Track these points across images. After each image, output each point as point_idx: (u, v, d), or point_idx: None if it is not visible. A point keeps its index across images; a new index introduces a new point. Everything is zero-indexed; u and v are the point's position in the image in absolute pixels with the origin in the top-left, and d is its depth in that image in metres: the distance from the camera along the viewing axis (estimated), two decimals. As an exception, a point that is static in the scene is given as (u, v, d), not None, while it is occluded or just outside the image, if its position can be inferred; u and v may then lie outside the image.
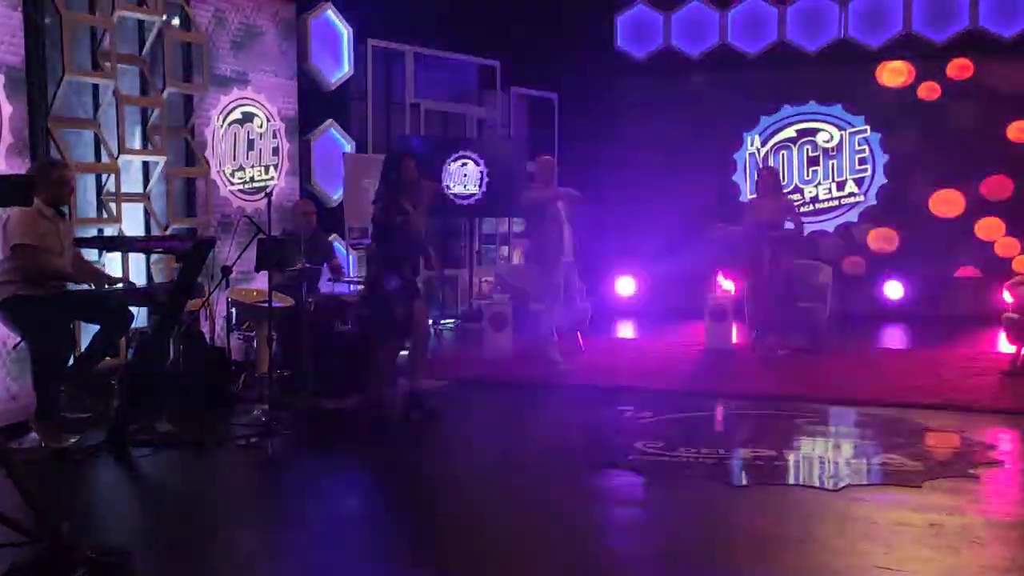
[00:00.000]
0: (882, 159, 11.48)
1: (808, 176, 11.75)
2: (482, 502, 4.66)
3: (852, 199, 11.61)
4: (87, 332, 5.78)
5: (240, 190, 7.97)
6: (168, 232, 7.17)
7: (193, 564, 3.85)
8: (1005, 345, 7.69)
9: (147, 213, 7.09)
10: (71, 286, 5.48)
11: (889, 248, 11.44)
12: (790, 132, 11.84)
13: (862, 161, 11.60)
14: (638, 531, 4.20)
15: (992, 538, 3.94)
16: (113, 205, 6.68)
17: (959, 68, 11.02)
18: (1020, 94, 10.84)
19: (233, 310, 6.79)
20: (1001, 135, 10.90)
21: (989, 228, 11.03)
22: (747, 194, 11.92)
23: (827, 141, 11.69)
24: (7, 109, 5.68)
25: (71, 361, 5.53)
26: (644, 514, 4.51)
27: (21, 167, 5.70)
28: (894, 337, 10.05)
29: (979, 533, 3.98)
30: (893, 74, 11.29)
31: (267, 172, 8.24)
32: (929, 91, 11.14)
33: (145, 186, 7.09)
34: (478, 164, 10.50)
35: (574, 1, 11.64)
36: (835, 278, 9.37)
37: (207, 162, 7.57)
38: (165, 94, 7.13)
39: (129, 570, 3.51)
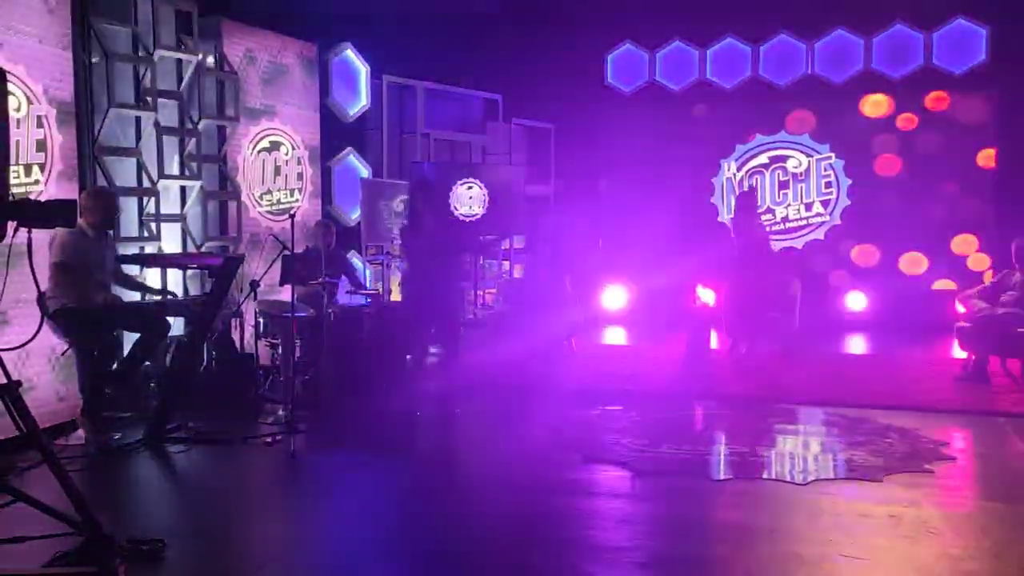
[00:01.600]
0: (846, 183, 11.47)
1: (779, 198, 11.73)
2: (482, 493, 4.65)
3: (819, 219, 11.60)
4: (129, 340, 5.76)
5: (268, 211, 7.96)
6: (202, 250, 7.16)
7: (221, 552, 3.82)
8: (959, 352, 7.64)
9: (184, 232, 7.07)
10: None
11: (871, 263, 11.38)
12: (763, 159, 11.84)
13: (828, 184, 11.59)
14: (623, 521, 4.16)
15: (947, 528, 3.91)
16: (153, 225, 6.67)
17: (935, 100, 11.01)
18: (978, 125, 10.86)
19: (261, 319, 6.77)
20: (972, 161, 10.90)
21: (964, 244, 10.99)
22: (724, 214, 11.93)
23: (796, 167, 11.69)
24: (58, 139, 5.68)
25: (114, 366, 5.50)
26: (629, 505, 4.48)
27: (70, 191, 5.70)
28: (864, 345, 9.98)
29: (935, 524, 3.96)
30: (874, 106, 11.28)
31: (292, 195, 8.23)
32: (906, 122, 11.14)
33: (182, 208, 7.08)
34: (482, 188, 10.50)
35: (569, 41, 11.66)
36: (820, 290, 9.30)
37: (238, 186, 7.56)
38: (201, 125, 7.13)
39: (162, 558, 3.50)
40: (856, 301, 11.23)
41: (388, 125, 10.03)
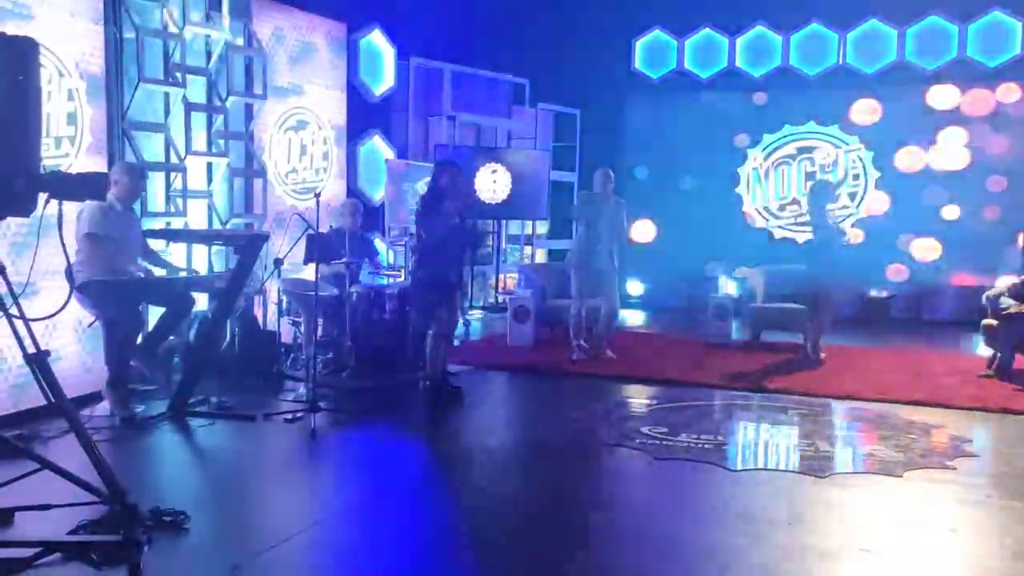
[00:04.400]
0: (874, 175, 11.35)
1: (806, 189, 11.62)
2: (502, 475, 4.66)
3: (845, 211, 11.48)
4: (155, 314, 5.82)
5: (293, 190, 7.99)
6: (228, 226, 7.20)
7: (242, 525, 3.86)
8: (985, 349, 7.56)
9: (210, 209, 7.12)
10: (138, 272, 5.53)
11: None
12: (790, 149, 11.73)
13: (855, 177, 11.47)
14: (642, 507, 4.17)
15: (966, 526, 3.89)
16: (180, 201, 6.72)
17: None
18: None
19: (284, 298, 6.81)
20: (1007, 156, 10.71)
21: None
22: (749, 204, 11.88)
23: (824, 158, 11.57)
24: (88, 112, 5.72)
25: (140, 339, 5.57)
26: (648, 492, 4.48)
27: (98, 164, 5.75)
28: (889, 339, 9.87)
29: (955, 521, 3.93)
30: (906, 97, 11.08)
31: (317, 175, 8.26)
32: (939, 114, 10.95)
33: (209, 184, 7.12)
34: (506, 172, 10.48)
35: (596, 26, 11.60)
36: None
37: (264, 164, 7.60)
38: (228, 102, 7.16)
39: (185, 528, 3.54)
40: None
41: (414, 107, 10.04)
